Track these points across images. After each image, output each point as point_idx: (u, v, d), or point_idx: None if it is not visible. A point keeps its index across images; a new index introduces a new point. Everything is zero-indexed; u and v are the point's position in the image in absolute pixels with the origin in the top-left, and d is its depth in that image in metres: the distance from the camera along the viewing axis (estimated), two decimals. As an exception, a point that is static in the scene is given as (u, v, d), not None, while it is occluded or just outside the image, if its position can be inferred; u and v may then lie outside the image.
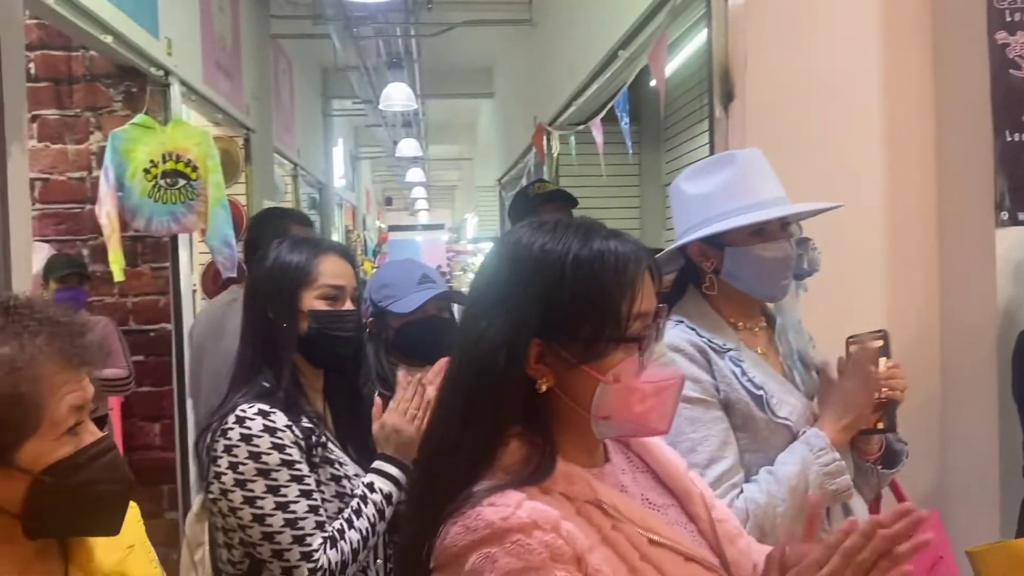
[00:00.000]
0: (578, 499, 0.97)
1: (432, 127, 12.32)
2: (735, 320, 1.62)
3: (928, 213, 2.53)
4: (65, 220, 3.99)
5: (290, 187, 7.76)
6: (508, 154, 8.70)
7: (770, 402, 1.51)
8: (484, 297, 1.03)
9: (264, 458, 1.45)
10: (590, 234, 1.02)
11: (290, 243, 1.67)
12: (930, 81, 2.53)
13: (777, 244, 1.57)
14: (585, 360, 0.99)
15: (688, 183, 1.62)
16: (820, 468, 1.46)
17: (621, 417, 1.00)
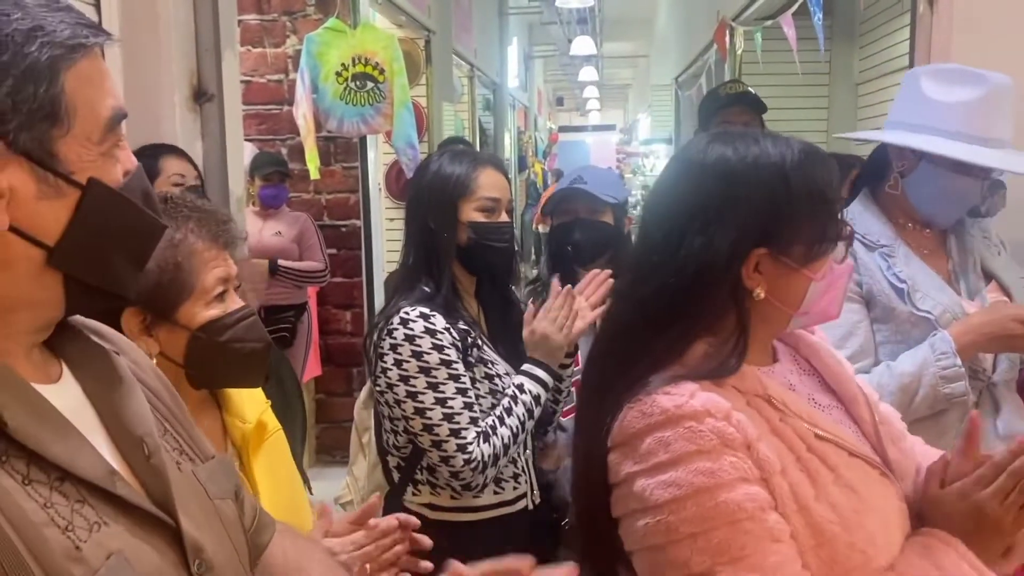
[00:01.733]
0: (749, 392, 1.01)
1: (608, 23, 12.01)
2: (904, 221, 1.63)
3: None
4: (265, 120, 4.29)
5: (467, 88, 7.87)
6: (687, 51, 8.39)
7: (913, 295, 1.53)
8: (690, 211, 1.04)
9: (425, 357, 1.57)
10: (789, 141, 1.05)
11: (450, 155, 1.72)
12: None
13: (970, 181, 1.56)
14: (806, 263, 1.03)
15: (931, 81, 1.57)
16: (937, 370, 1.47)
17: (815, 310, 1.06)
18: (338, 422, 4.34)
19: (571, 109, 22.24)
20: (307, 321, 4.06)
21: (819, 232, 1.02)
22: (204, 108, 2.36)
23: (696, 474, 0.93)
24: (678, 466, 0.94)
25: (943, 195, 1.58)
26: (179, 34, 2.27)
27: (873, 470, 1.05)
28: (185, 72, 2.30)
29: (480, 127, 8.63)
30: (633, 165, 17.65)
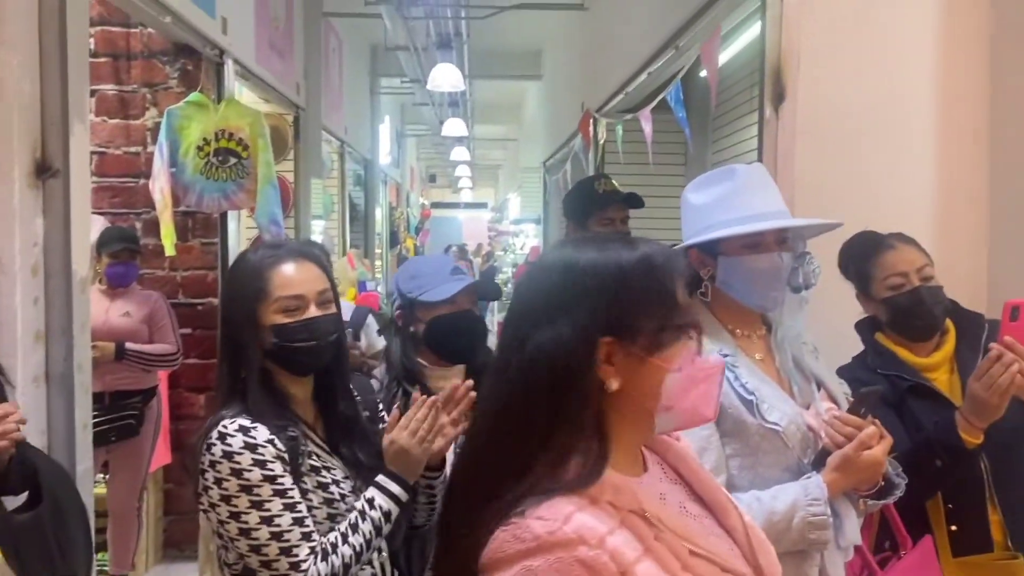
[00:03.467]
0: (623, 508, 0.99)
1: (479, 107, 12.32)
2: (733, 327, 1.66)
3: (979, 222, 2.50)
4: (120, 193, 4.10)
5: (336, 164, 7.83)
6: (554, 137, 8.69)
7: (760, 407, 1.53)
8: (538, 309, 1.05)
9: (246, 475, 1.45)
10: (634, 241, 1.08)
11: (249, 253, 1.61)
12: (986, 89, 2.49)
13: (767, 256, 1.60)
14: (653, 352, 1.03)
15: (692, 193, 1.68)
16: (807, 515, 1.48)
17: (681, 406, 1.04)
18: (188, 514, 4.07)
19: (444, 186, 22.51)
20: (156, 406, 3.81)
21: (660, 321, 1.03)
22: (47, 183, 2.23)
23: None
24: None
25: (751, 278, 1.61)
26: (22, 105, 2.14)
27: None
28: (27, 146, 2.17)
29: (351, 202, 8.58)
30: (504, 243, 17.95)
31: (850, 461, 1.51)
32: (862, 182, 2.47)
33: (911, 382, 1.94)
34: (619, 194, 3.02)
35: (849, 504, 1.59)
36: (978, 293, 2.44)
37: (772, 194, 1.66)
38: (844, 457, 1.52)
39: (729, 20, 3.29)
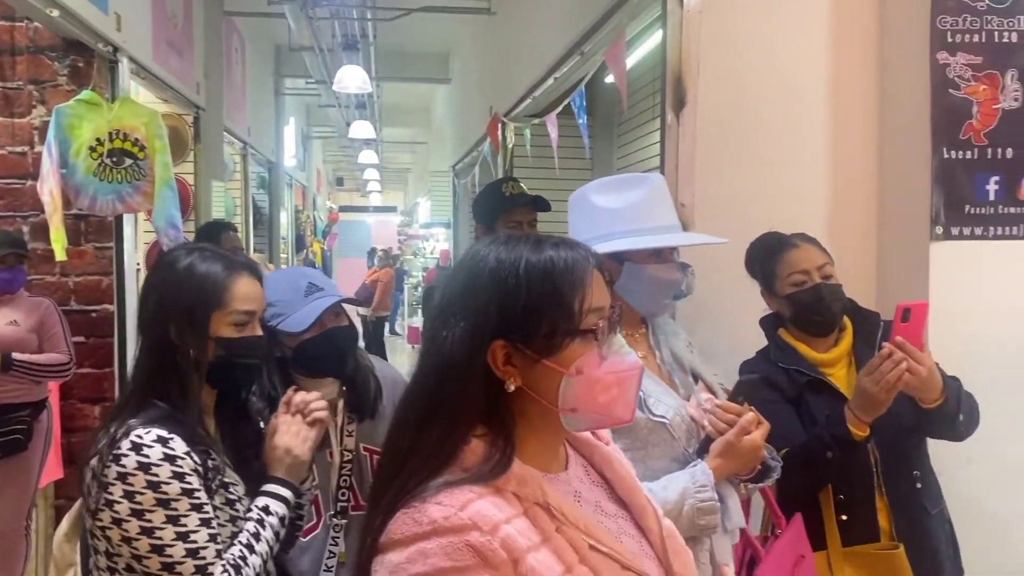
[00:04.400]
0: (528, 500, 1.01)
1: (386, 109, 12.21)
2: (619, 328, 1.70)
3: (869, 225, 2.62)
4: (4, 195, 3.88)
5: (239, 166, 7.64)
6: (463, 141, 8.69)
7: (647, 402, 1.60)
8: (445, 309, 1.08)
9: (164, 488, 1.38)
10: (541, 243, 1.09)
11: (200, 256, 1.53)
12: (875, 96, 2.61)
13: (669, 266, 1.70)
14: (546, 355, 1.04)
15: (598, 195, 1.72)
16: (696, 501, 1.55)
17: (587, 409, 1.05)
18: (82, 530, 3.88)
19: (352, 189, 22.20)
20: (46, 419, 3.63)
21: (552, 325, 1.04)
22: (-79, 184, 2.09)
23: None
24: None
25: (653, 287, 1.69)
26: None
27: None
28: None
29: (254, 205, 8.37)
30: (414, 247, 17.85)
31: (732, 447, 1.59)
32: (759, 186, 2.56)
33: (809, 377, 2.03)
34: (526, 197, 3.04)
35: (732, 488, 1.67)
36: (867, 292, 2.55)
37: (671, 207, 1.76)
38: (726, 443, 1.59)
39: (632, 26, 3.36)
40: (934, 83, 2.36)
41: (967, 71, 2.36)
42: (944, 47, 2.36)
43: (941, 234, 2.38)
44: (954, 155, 2.38)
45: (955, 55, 2.36)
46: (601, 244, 1.64)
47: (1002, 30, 2.38)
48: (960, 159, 2.38)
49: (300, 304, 1.85)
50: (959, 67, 2.36)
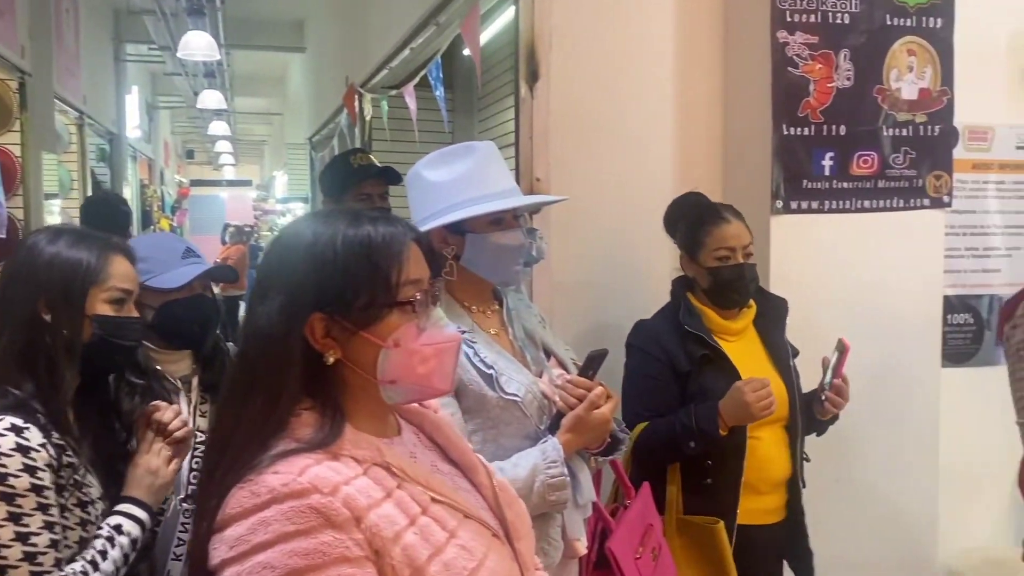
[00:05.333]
0: (367, 461, 1.03)
1: (238, 79, 11.67)
2: (469, 304, 1.71)
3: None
4: None
5: (75, 137, 7.12)
6: (319, 113, 8.43)
7: (499, 380, 1.59)
8: (264, 283, 1.08)
9: (11, 480, 1.28)
10: (359, 218, 1.09)
11: (71, 236, 1.46)
12: (720, 72, 2.69)
13: (513, 233, 1.68)
14: (364, 327, 1.05)
15: (429, 171, 1.68)
16: (546, 477, 1.55)
17: (406, 380, 1.08)
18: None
19: (203, 163, 21.18)
20: None
21: (369, 297, 1.05)
22: None
23: (291, 555, 0.93)
24: (274, 547, 0.93)
25: (498, 254, 1.66)
26: None
27: (487, 531, 1.11)
28: None
29: (94, 179, 7.83)
30: (271, 222, 17.25)
31: (582, 421, 1.60)
32: (612, 159, 2.59)
33: (705, 351, 2.10)
34: (375, 168, 2.96)
35: (583, 463, 1.69)
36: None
37: (507, 171, 1.72)
38: (577, 418, 1.60)
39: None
40: (775, 61, 2.45)
41: (804, 50, 2.47)
42: (784, 26, 2.45)
43: (781, 208, 2.49)
44: (793, 131, 2.48)
45: (794, 34, 2.45)
46: (438, 218, 1.62)
47: (836, 11, 2.49)
48: (798, 135, 2.49)
49: (176, 265, 1.80)
50: (797, 46, 2.46)
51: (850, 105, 2.52)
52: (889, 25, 2.54)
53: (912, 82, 2.58)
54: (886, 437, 2.62)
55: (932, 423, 2.70)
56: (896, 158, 2.59)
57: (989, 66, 2.91)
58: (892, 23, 2.54)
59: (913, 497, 2.71)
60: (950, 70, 2.62)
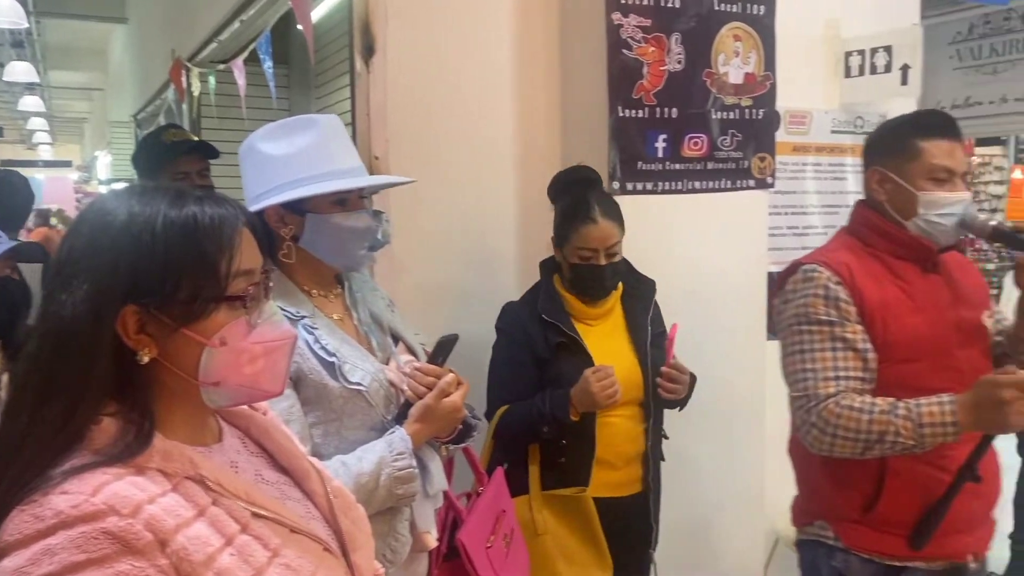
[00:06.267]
0: (177, 475, 0.93)
1: (52, 50, 10.80)
2: (310, 288, 1.60)
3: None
4: None
5: None
6: (145, 88, 7.91)
7: (342, 369, 1.50)
8: (66, 269, 0.93)
9: None
10: (183, 197, 0.97)
11: None
12: (557, 53, 2.69)
13: (358, 214, 1.58)
14: (186, 322, 0.94)
15: (266, 143, 1.54)
16: (393, 471, 1.48)
17: (232, 382, 0.98)
18: None
19: (15, 141, 19.48)
20: None
21: (194, 290, 0.94)
22: None
23: None
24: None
25: (341, 237, 1.56)
26: None
27: (317, 545, 1.04)
28: None
29: None
30: (94, 206, 16.10)
31: (431, 410, 1.55)
32: (452, 136, 2.55)
33: (560, 340, 2.13)
34: (189, 143, 2.77)
35: (433, 452, 1.64)
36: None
37: (351, 148, 1.62)
38: (426, 407, 1.54)
39: (321, -30, 3.19)
40: (610, 43, 2.47)
41: (638, 32, 2.50)
42: (618, 8, 2.47)
43: (618, 189, 2.52)
44: (628, 113, 2.52)
45: (628, 16, 2.48)
46: (276, 196, 1.51)
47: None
48: (633, 117, 2.53)
49: None
50: (631, 28, 2.49)
51: (681, 88, 2.59)
52: (717, 10, 2.61)
53: (738, 67, 2.68)
54: (717, 407, 2.73)
55: (759, 393, 2.84)
56: (724, 140, 2.68)
57: (807, 53, 3.07)
58: (719, 8, 2.62)
59: (743, 465, 2.85)
60: (772, 56, 2.74)
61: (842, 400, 1.63)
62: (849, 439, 1.61)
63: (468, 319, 2.43)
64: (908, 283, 1.74)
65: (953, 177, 1.72)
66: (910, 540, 1.68)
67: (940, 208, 1.71)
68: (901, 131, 1.78)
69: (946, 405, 1.56)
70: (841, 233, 1.88)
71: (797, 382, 1.70)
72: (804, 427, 1.67)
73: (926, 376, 1.69)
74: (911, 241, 1.75)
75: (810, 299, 1.71)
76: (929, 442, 1.57)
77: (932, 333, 1.71)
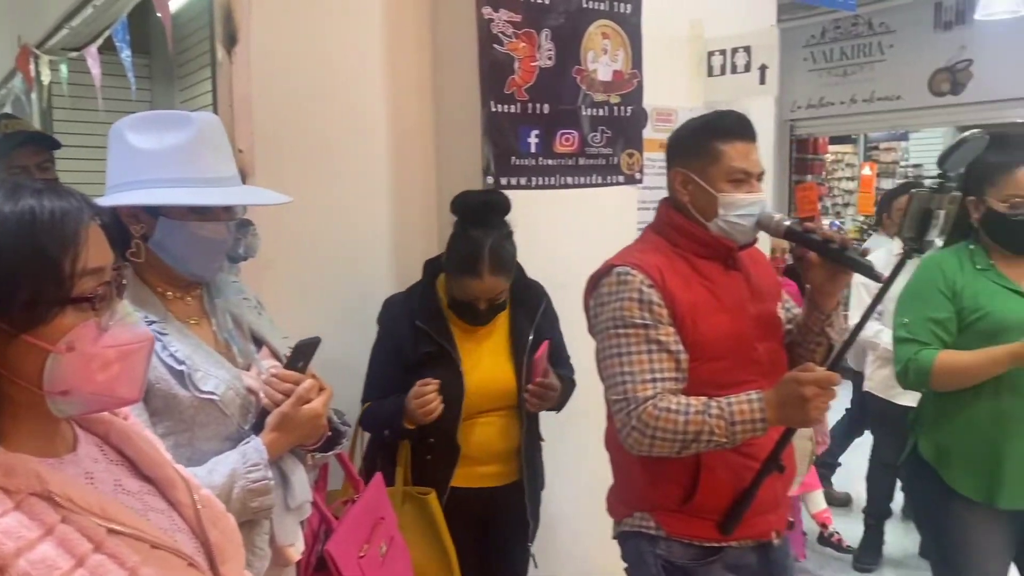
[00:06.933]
0: (20, 492, 0.86)
1: None
2: (163, 289, 1.51)
3: (428, 172, 2.69)
4: None
5: None
6: (-12, 76, 7.36)
7: (193, 377, 1.42)
8: None
9: None
10: (18, 190, 0.89)
11: None
12: (429, 46, 2.67)
13: (215, 225, 1.49)
14: (25, 328, 0.87)
15: (134, 133, 1.45)
16: (247, 483, 1.41)
17: (83, 390, 0.91)
18: None
19: None
20: None
21: (34, 292, 0.87)
22: None
23: None
24: None
25: (193, 245, 1.47)
26: None
27: (181, 560, 0.98)
28: None
29: None
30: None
31: (289, 418, 1.47)
32: (322, 131, 2.49)
33: (429, 349, 2.14)
34: (24, 134, 2.60)
35: (296, 462, 1.56)
36: (429, 239, 2.64)
37: (227, 153, 1.52)
38: (282, 415, 1.47)
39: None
40: (480, 37, 2.47)
41: (509, 27, 2.51)
42: (488, 3, 2.47)
43: (492, 184, 2.53)
44: (501, 108, 2.53)
45: (498, 11, 2.49)
46: (132, 193, 1.42)
47: (537, -8, 2.57)
48: (506, 112, 2.54)
49: None
50: (502, 23, 2.50)
51: (552, 84, 2.62)
52: (585, 8, 2.66)
53: (607, 64, 2.73)
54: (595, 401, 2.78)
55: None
56: (594, 137, 2.74)
57: (673, 52, 3.16)
58: (587, 6, 2.66)
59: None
60: (639, 54, 2.81)
61: (659, 402, 1.69)
62: (667, 440, 1.68)
63: (340, 319, 2.39)
64: (713, 282, 1.82)
65: (750, 178, 1.80)
66: (720, 527, 1.79)
67: (739, 209, 1.78)
68: (700, 134, 1.83)
69: (755, 403, 1.65)
70: (649, 232, 1.92)
71: (615, 385, 1.75)
72: (624, 429, 1.72)
73: (733, 371, 1.78)
74: (713, 241, 1.82)
75: (625, 303, 1.75)
76: (740, 438, 1.67)
77: (736, 330, 1.79)
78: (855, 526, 4.02)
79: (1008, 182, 2.11)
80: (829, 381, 1.61)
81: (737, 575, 1.84)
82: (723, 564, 1.82)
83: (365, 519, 1.78)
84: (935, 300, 2.16)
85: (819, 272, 1.79)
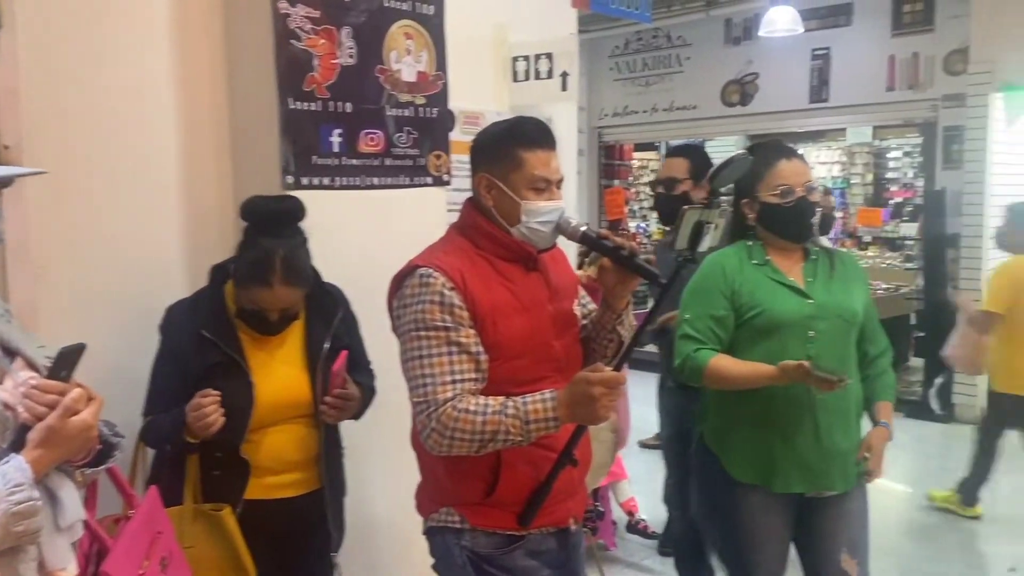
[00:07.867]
0: None
1: None
2: None
3: (224, 170, 2.57)
4: None
5: None
6: None
7: None
8: None
9: None
10: None
11: None
12: (222, 40, 2.55)
13: None
14: None
15: None
16: (9, 506, 1.29)
17: None
18: None
19: None
20: None
21: None
22: None
23: None
24: None
25: None
26: None
27: None
28: None
29: None
30: None
31: (55, 431, 1.35)
32: (103, 125, 2.31)
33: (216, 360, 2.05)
34: None
35: (64, 478, 1.44)
36: (225, 241, 2.51)
37: None
38: (48, 428, 1.35)
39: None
40: (277, 32, 2.38)
41: (307, 23, 2.44)
42: (285, -4, 2.39)
43: (292, 183, 2.45)
44: (300, 106, 2.45)
45: (295, 6, 2.41)
46: None
47: (337, -12, 2.51)
48: (306, 110, 2.47)
49: None
50: (299, 19, 2.43)
51: (355, 83, 2.57)
52: (387, 7, 2.63)
53: (411, 65, 2.72)
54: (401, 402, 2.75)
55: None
56: (400, 137, 2.71)
57: (478, 56, 3.20)
58: (389, 5, 2.64)
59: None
60: (444, 56, 2.81)
61: (458, 404, 1.73)
62: (466, 440, 1.72)
63: (124, 326, 2.24)
64: (513, 283, 1.87)
65: (551, 185, 1.87)
66: (519, 519, 1.85)
67: (540, 216, 1.85)
68: (503, 141, 1.88)
69: (548, 402, 1.72)
70: (453, 232, 1.96)
71: (417, 387, 1.78)
72: (425, 431, 1.75)
73: (531, 369, 1.85)
74: (516, 246, 1.88)
75: (427, 305, 1.77)
76: (535, 436, 1.74)
77: (534, 329, 1.86)
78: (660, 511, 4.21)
79: (773, 175, 2.29)
80: (616, 382, 1.69)
81: (538, 560, 1.90)
82: (525, 551, 1.88)
83: (143, 535, 1.67)
84: (714, 298, 2.30)
85: (611, 275, 1.89)
